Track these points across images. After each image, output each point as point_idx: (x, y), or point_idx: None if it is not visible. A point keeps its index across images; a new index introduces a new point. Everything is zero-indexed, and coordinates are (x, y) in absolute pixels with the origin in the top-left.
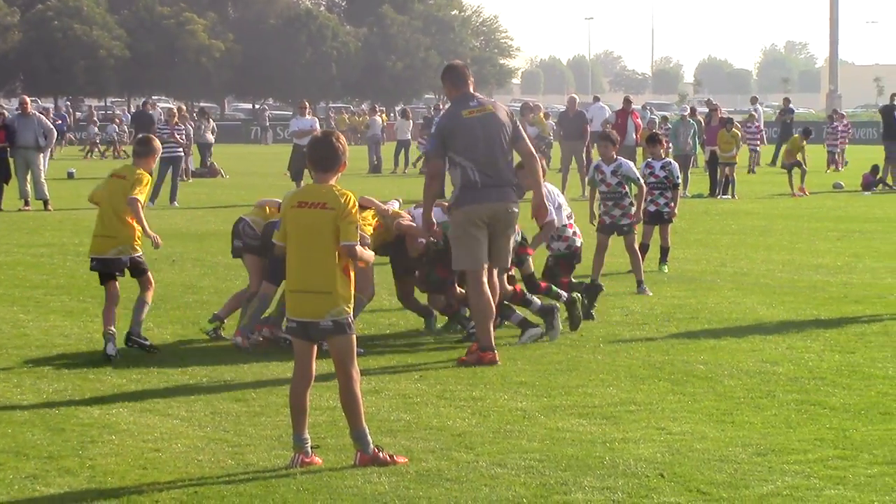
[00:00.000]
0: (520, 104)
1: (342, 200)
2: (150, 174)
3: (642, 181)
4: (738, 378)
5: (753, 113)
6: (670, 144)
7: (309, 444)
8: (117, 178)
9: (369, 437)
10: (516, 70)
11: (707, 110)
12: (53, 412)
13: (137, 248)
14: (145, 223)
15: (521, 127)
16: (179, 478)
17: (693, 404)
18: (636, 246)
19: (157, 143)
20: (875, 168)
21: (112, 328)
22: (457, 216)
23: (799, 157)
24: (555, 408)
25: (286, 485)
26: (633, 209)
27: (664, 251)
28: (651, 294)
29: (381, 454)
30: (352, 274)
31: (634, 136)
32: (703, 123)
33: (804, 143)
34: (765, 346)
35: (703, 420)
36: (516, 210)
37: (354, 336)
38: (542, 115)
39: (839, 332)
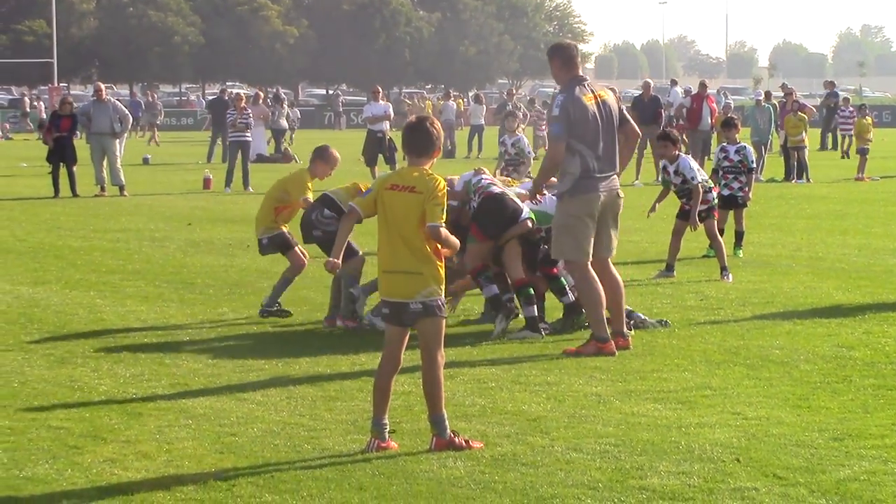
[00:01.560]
0: None
1: (431, 184)
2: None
3: (698, 179)
4: (814, 363)
5: (848, 97)
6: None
7: (387, 429)
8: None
9: (447, 422)
10: (590, 55)
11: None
12: (130, 396)
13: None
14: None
15: (625, 110)
16: (256, 462)
17: (769, 389)
18: (716, 231)
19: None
20: None
21: None
22: (572, 205)
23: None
24: (630, 392)
25: (362, 469)
26: (712, 199)
27: (739, 235)
28: (732, 281)
29: (456, 439)
30: (442, 257)
31: (710, 121)
32: (777, 108)
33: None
34: (841, 330)
35: (778, 405)
36: (623, 196)
37: (444, 320)
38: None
39: (876, 316)
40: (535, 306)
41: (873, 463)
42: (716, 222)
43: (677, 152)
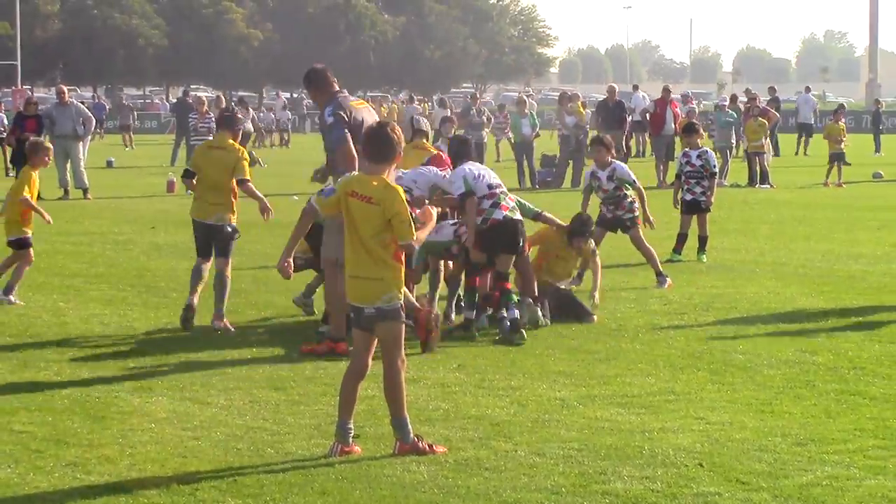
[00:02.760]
0: (557, 93)
1: (389, 197)
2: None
3: (638, 183)
4: (778, 368)
5: (845, 104)
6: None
7: (352, 434)
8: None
9: (409, 426)
10: (554, 59)
11: (747, 100)
12: (94, 400)
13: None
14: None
15: None
16: (219, 466)
17: (732, 394)
18: (643, 239)
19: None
20: None
21: None
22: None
23: (840, 146)
24: (593, 397)
25: (325, 473)
26: (637, 209)
27: (702, 240)
28: (671, 283)
29: (420, 443)
30: (402, 260)
31: (673, 126)
32: (741, 112)
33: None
34: (804, 335)
35: (742, 410)
36: None
37: (402, 324)
38: (579, 104)
39: (879, 321)
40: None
41: (836, 468)
42: (640, 229)
43: (610, 158)
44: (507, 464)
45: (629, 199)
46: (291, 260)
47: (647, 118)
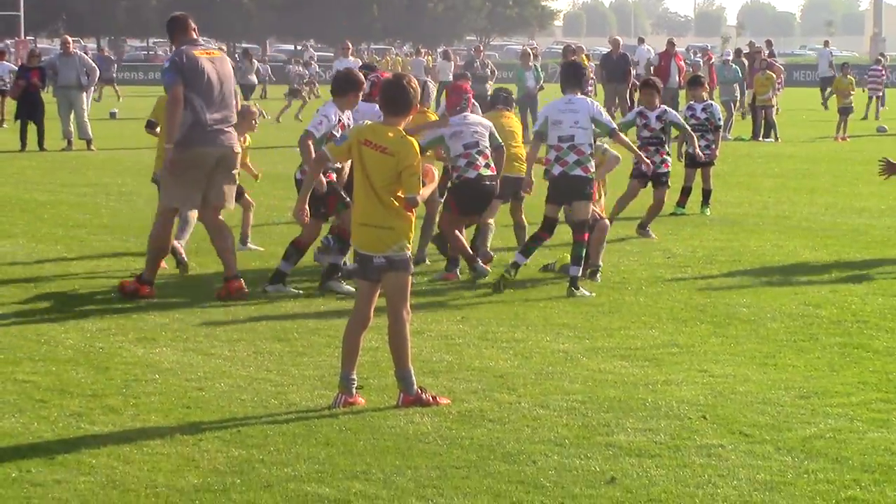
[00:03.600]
0: (562, 46)
1: (404, 149)
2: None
3: (687, 127)
4: (781, 321)
5: (880, 58)
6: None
7: (355, 385)
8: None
9: (413, 378)
10: (558, 12)
11: (768, 52)
12: (97, 351)
13: None
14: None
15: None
16: (223, 417)
17: (735, 347)
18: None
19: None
20: None
21: None
22: (183, 155)
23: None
24: (597, 349)
25: (329, 424)
26: (691, 149)
27: (706, 193)
28: (655, 237)
29: (423, 395)
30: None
31: (678, 79)
32: (745, 66)
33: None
34: (808, 289)
35: (745, 363)
36: (239, 151)
37: (410, 276)
38: (583, 56)
39: (882, 275)
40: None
41: (839, 421)
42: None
43: (658, 102)
44: (510, 415)
45: (666, 150)
46: (307, 207)
47: (652, 71)
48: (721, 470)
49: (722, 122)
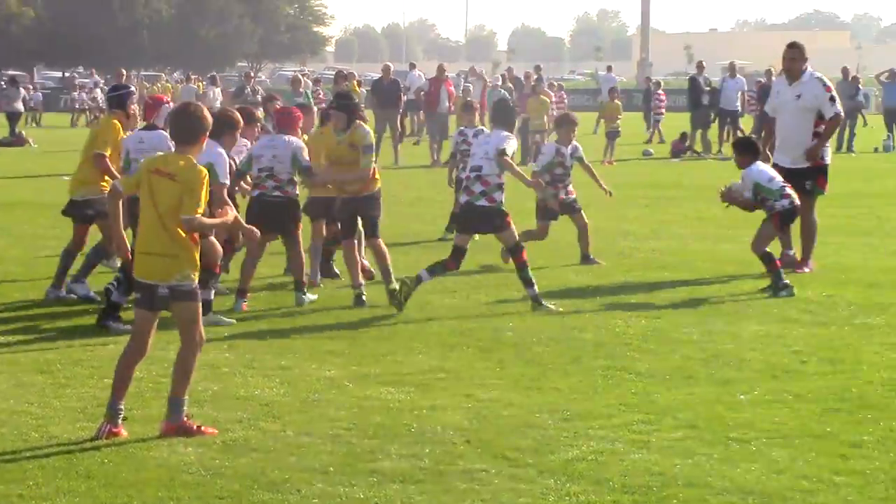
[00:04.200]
0: (334, 72)
1: (191, 175)
2: None
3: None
4: (546, 344)
5: (660, 81)
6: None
7: (121, 416)
8: None
9: (185, 407)
10: (330, 38)
11: (535, 77)
12: None
13: None
14: None
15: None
16: None
17: (501, 371)
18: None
19: None
20: (684, 135)
21: None
22: None
23: (615, 123)
24: (364, 376)
25: (91, 457)
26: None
27: None
28: (603, 263)
29: (188, 423)
30: (198, 242)
31: (448, 104)
32: (513, 91)
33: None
34: (573, 312)
35: (510, 386)
36: None
37: (199, 304)
38: (355, 83)
39: (646, 297)
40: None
41: (601, 443)
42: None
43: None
44: (275, 444)
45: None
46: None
47: (422, 97)
48: (484, 494)
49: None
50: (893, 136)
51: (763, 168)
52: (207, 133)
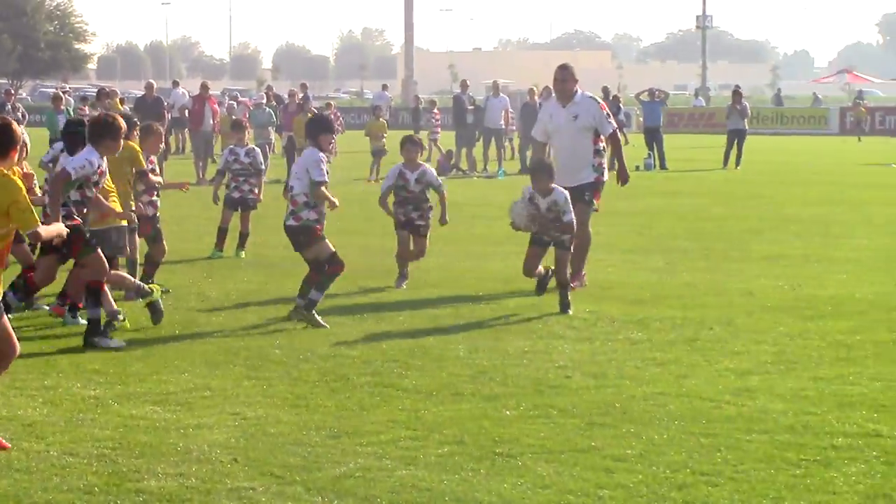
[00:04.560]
0: (96, 90)
1: (6, 188)
2: None
3: (443, 187)
4: (313, 362)
5: (434, 99)
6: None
7: None
8: None
9: None
10: (92, 55)
11: (302, 96)
12: None
13: None
14: None
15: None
16: None
17: (268, 389)
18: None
19: None
20: (449, 153)
21: None
22: None
23: (381, 142)
24: (129, 395)
25: None
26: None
27: (243, 237)
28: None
29: None
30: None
31: (212, 122)
32: (277, 109)
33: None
34: (340, 329)
35: (277, 404)
36: None
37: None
38: (117, 100)
39: (412, 314)
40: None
41: (368, 459)
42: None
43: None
44: (38, 464)
45: (429, 205)
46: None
47: (187, 114)
48: None
49: (265, 167)
50: (654, 154)
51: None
52: (16, 147)
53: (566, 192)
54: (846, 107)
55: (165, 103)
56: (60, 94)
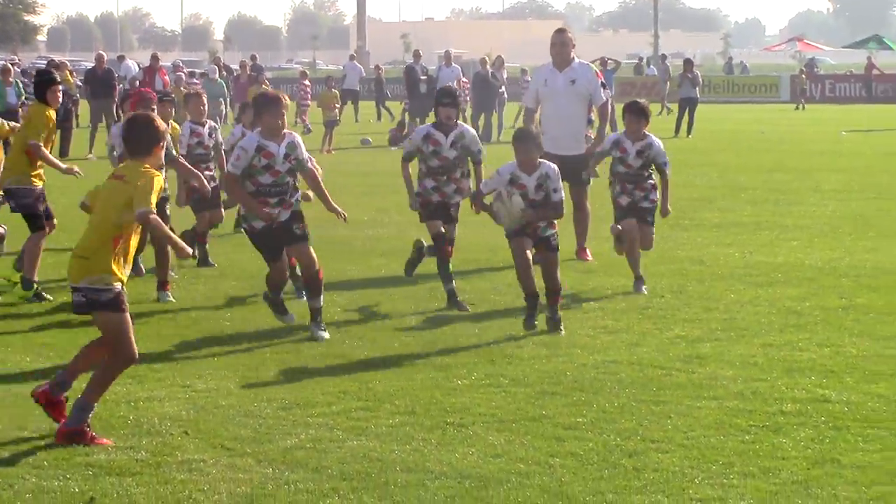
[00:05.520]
0: (46, 61)
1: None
2: None
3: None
4: (264, 334)
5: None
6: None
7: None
8: None
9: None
10: (42, 27)
11: (250, 65)
12: None
13: None
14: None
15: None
16: None
17: (218, 361)
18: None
19: None
20: (402, 123)
21: None
22: None
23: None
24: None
25: None
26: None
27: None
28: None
29: (88, 432)
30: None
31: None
32: (229, 81)
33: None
34: (290, 302)
35: (228, 377)
36: None
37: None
38: (68, 72)
39: (364, 285)
40: None
41: (319, 430)
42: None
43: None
44: None
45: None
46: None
47: (137, 86)
48: (202, 485)
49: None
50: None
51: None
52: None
53: (555, 166)
54: (796, 75)
55: (116, 75)
56: (9, 66)
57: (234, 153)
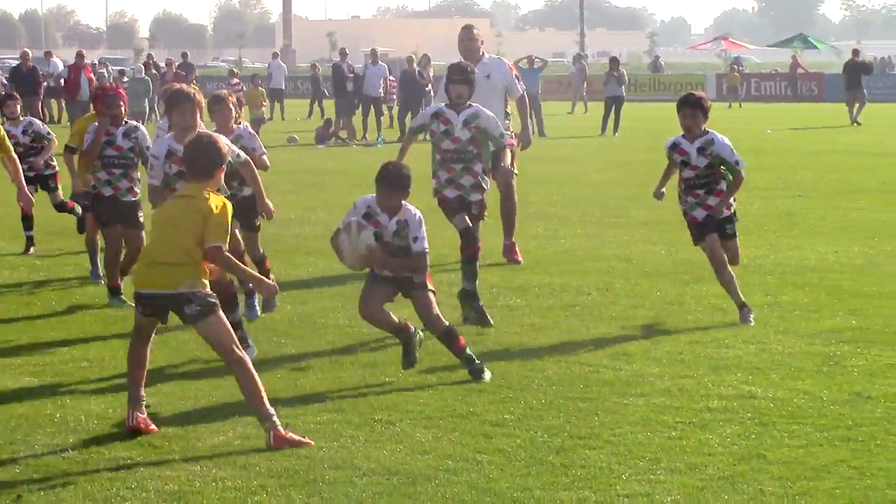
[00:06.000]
0: None
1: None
2: None
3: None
4: (191, 332)
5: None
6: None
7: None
8: None
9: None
10: None
11: (179, 63)
12: None
13: None
14: None
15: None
16: None
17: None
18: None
19: None
20: (328, 121)
21: None
22: None
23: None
24: (5, 367)
25: None
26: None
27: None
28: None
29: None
30: None
31: (89, 91)
32: (154, 80)
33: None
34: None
35: (155, 374)
36: None
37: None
38: None
39: (291, 283)
40: None
41: (247, 427)
42: None
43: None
44: None
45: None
46: None
47: (63, 84)
48: (129, 483)
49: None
50: (532, 121)
51: None
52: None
53: (419, 214)
54: (722, 73)
55: (41, 73)
56: None
57: (149, 161)
